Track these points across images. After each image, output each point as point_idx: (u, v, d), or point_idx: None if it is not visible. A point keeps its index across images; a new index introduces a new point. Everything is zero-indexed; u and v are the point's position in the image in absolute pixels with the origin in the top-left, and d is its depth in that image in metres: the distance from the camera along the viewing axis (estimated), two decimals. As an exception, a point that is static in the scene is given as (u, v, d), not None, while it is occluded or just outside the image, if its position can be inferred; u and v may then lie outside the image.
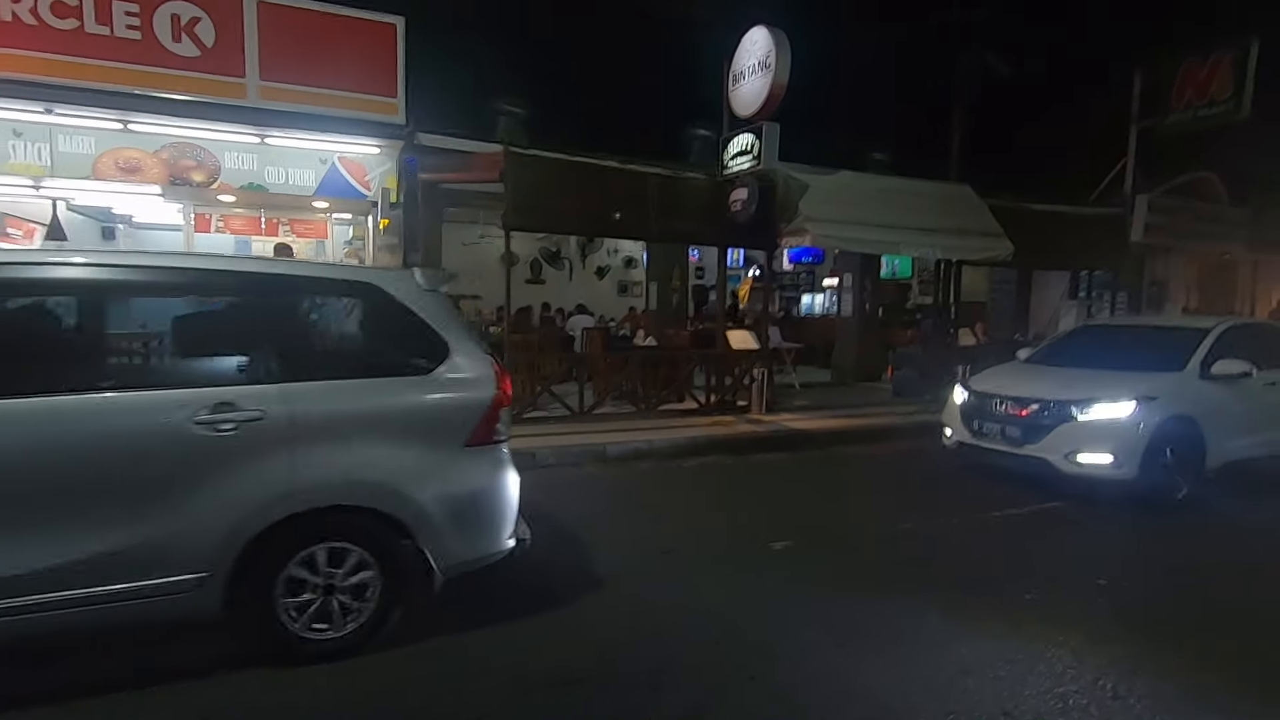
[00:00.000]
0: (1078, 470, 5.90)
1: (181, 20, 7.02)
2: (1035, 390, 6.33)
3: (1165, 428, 5.84)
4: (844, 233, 9.45)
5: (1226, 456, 6.24)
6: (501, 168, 8.16)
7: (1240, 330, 6.94)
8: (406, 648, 3.31)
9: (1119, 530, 5.56)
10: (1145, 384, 6.05)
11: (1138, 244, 13.25)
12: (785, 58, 8.40)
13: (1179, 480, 5.94)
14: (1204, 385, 6.18)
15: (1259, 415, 6.46)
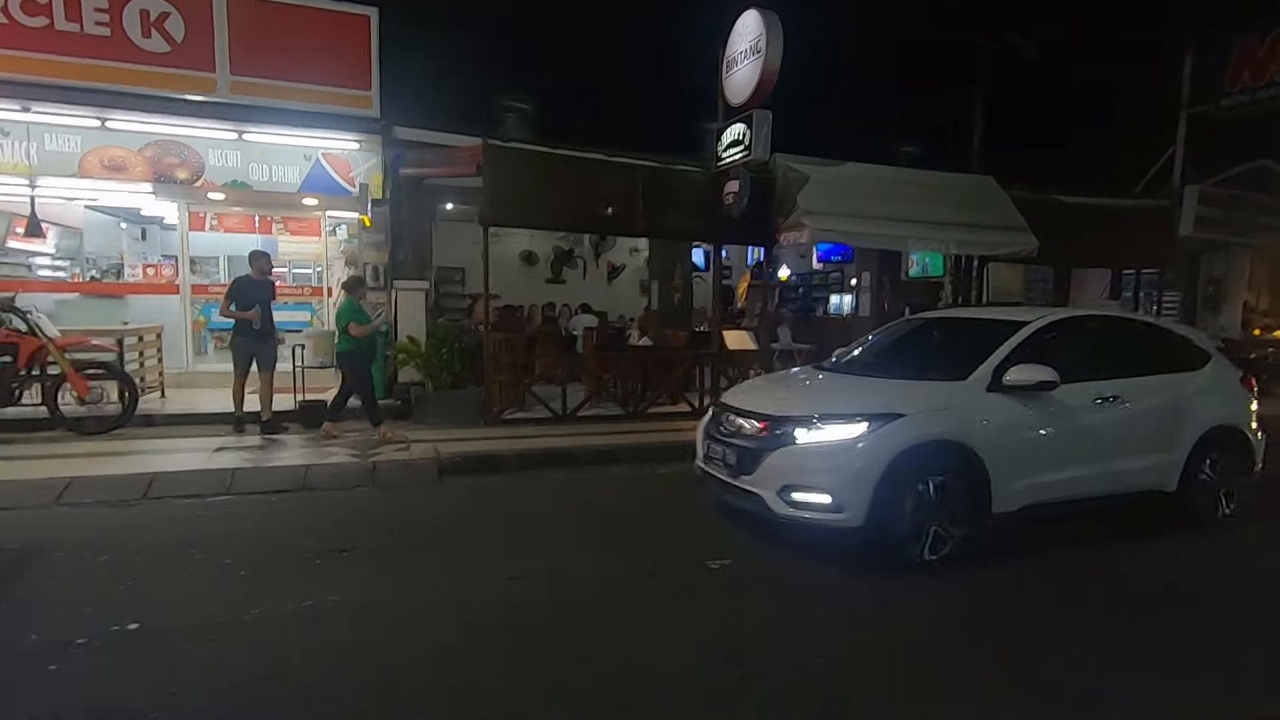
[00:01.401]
0: (792, 513, 4.36)
1: (150, 16, 7.00)
2: (770, 403, 4.88)
3: (911, 457, 4.28)
4: (845, 226, 8.89)
5: (1027, 497, 4.61)
6: (479, 161, 7.94)
7: (1075, 326, 5.38)
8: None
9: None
10: (904, 397, 4.59)
11: (1188, 239, 12.22)
12: (777, 41, 7.91)
13: (938, 531, 4.34)
14: (993, 400, 4.58)
15: (1078, 441, 4.82)
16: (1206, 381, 5.41)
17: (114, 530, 4.86)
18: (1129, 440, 5.00)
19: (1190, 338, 5.72)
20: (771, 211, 9.19)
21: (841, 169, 9.49)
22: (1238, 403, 5.53)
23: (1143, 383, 5.14)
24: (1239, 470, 5.39)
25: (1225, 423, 5.34)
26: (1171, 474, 5.16)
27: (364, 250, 9.18)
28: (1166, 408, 5.19)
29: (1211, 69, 11.76)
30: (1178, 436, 5.17)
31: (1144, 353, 5.44)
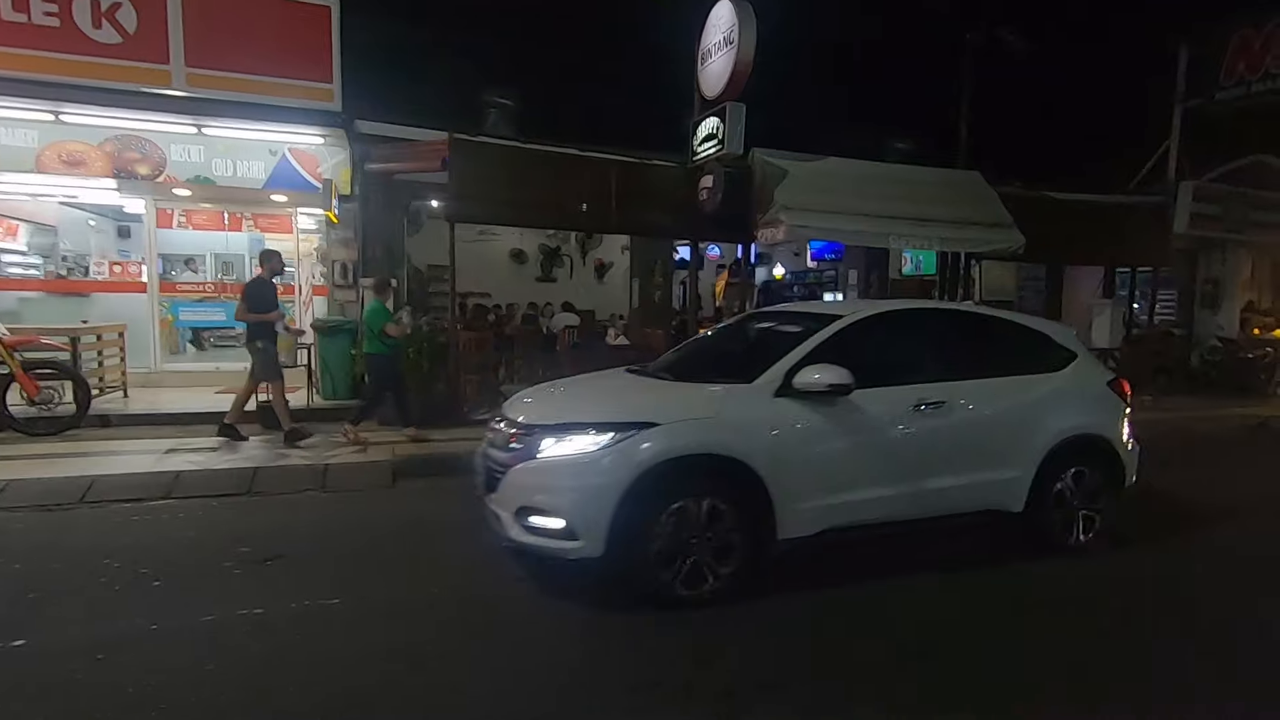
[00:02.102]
0: (527, 539, 3.73)
1: (101, 6, 6.83)
2: (534, 409, 4.20)
3: (663, 474, 3.59)
4: (824, 223, 8.66)
5: (826, 519, 3.98)
6: (444, 156, 7.74)
7: (901, 321, 4.66)
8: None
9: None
10: (669, 403, 3.96)
11: (1183, 236, 11.94)
12: (750, 32, 7.70)
13: (698, 562, 3.68)
14: (782, 407, 3.90)
15: (892, 454, 4.16)
16: (1064, 385, 4.74)
17: (39, 536, 4.68)
18: (961, 452, 4.32)
19: (1051, 335, 5.00)
20: (749, 207, 8.97)
21: (822, 164, 9.27)
22: (1103, 409, 4.84)
23: (981, 386, 4.47)
24: (1104, 487, 4.73)
25: (1086, 432, 4.67)
26: (1016, 491, 4.49)
27: (332, 247, 9.00)
28: (1010, 415, 4.52)
29: (1208, 60, 11.47)
30: (1024, 448, 4.49)
31: (989, 352, 4.76)
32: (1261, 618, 3.92)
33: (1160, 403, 11.23)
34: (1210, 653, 3.48)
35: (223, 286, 9.87)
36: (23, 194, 8.48)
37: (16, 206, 9.90)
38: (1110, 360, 11.96)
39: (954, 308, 5.60)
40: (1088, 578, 4.38)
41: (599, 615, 3.70)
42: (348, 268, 8.96)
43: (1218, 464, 7.93)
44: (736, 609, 3.69)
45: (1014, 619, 3.82)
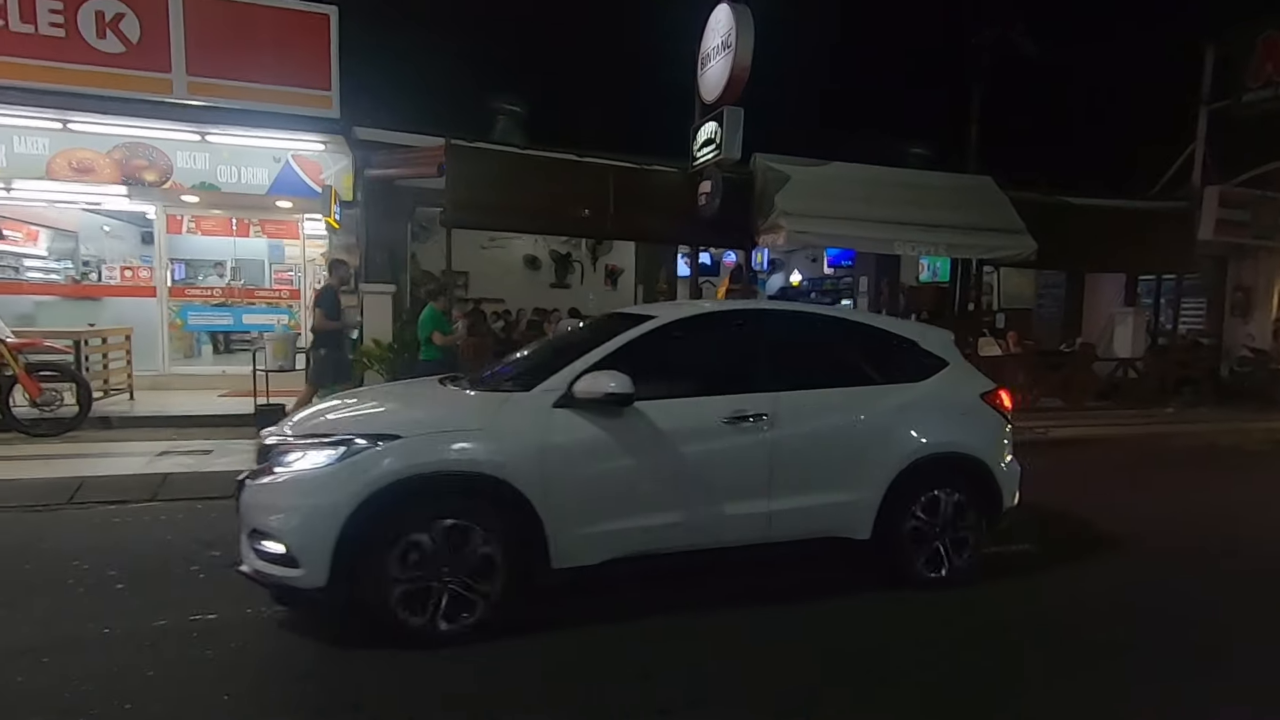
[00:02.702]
0: (257, 566, 3.32)
1: (106, 16, 6.99)
2: (305, 421, 3.74)
3: (400, 495, 3.19)
4: (826, 229, 8.53)
5: (612, 547, 3.53)
6: (440, 161, 7.78)
7: (726, 322, 4.27)
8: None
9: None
10: (424, 413, 3.64)
11: (1209, 243, 11.54)
12: (748, 35, 7.62)
13: (454, 593, 3.27)
14: (561, 419, 3.47)
15: (699, 473, 3.69)
16: (925, 397, 4.22)
17: (18, 536, 4.74)
18: (789, 472, 3.84)
19: (917, 341, 4.46)
20: (750, 213, 8.88)
21: (825, 169, 9.14)
22: (974, 424, 4.30)
23: (816, 397, 3.99)
24: (973, 513, 4.20)
25: (950, 450, 4.18)
26: (860, 517, 3.98)
27: (334, 253, 9.07)
28: (851, 430, 4.00)
29: (1234, 62, 11.10)
30: (868, 467, 3.98)
31: (833, 359, 4.29)
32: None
33: (1184, 415, 10.86)
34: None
35: (230, 291, 10.01)
36: (35, 200, 8.69)
37: (38, 213, 10.18)
38: (1131, 371, 11.63)
39: (796, 309, 4.82)
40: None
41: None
42: (349, 272, 9.02)
43: (1210, 481, 7.59)
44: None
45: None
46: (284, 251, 10.91)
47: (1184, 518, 6.02)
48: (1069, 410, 10.83)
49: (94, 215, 10.72)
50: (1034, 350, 11.81)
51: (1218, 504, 6.53)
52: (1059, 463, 8.22)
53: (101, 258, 11.10)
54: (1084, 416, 10.49)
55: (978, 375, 4.60)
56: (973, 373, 4.62)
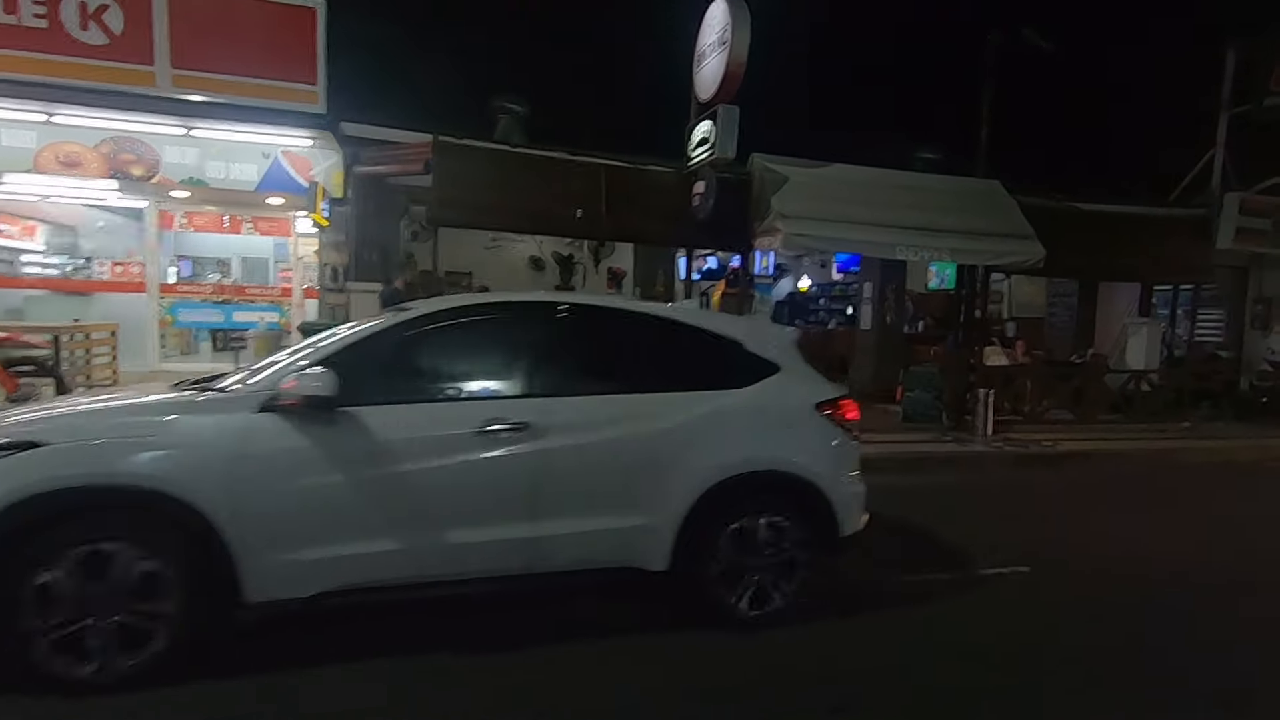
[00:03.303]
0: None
1: (89, 8, 6.92)
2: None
3: (31, 517, 2.69)
4: (824, 231, 8.28)
5: (324, 578, 3.04)
6: (427, 158, 7.63)
7: (480, 318, 3.64)
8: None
9: None
10: (93, 416, 3.10)
11: (1228, 252, 11.13)
12: (744, 32, 7.41)
13: (91, 639, 2.75)
14: (260, 425, 3.00)
15: (430, 492, 3.19)
16: (745, 405, 3.68)
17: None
18: (558, 490, 3.34)
19: (741, 341, 3.86)
20: (747, 215, 8.65)
21: (825, 170, 8.90)
22: (805, 439, 3.75)
23: (599, 405, 3.46)
24: (801, 540, 3.68)
25: (771, 468, 3.67)
26: (655, 544, 3.46)
27: (324, 250, 8.97)
28: (644, 442, 3.46)
29: (1256, 66, 10.71)
30: (662, 486, 3.45)
31: (630, 361, 3.77)
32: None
33: (1200, 430, 10.46)
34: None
35: (222, 288, 9.93)
36: (24, 195, 8.63)
37: (35, 207, 10.16)
38: (1145, 383, 11.24)
39: (589, 302, 4.30)
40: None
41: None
42: (338, 271, 8.91)
43: (1212, 502, 7.23)
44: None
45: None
46: (288, 249, 10.84)
47: (1157, 542, 5.67)
48: (1079, 423, 10.48)
49: (94, 210, 10.69)
50: (1042, 360, 11.46)
51: (1206, 528, 6.15)
52: (1057, 478, 7.94)
53: (103, 253, 11.10)
54: (1094, 430, 10.13)
55: (817, 382, 3.98)
56: (810, 379, 3.97)
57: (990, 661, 3.48)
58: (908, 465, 7.92)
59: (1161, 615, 4.14)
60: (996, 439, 9.08)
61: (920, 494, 7.01)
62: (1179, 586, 4.59)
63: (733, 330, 3.95)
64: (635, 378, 3.68)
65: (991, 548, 5.24)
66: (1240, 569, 4.98)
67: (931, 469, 7.92)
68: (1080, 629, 3.92)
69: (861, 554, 4.84)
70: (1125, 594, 4.42)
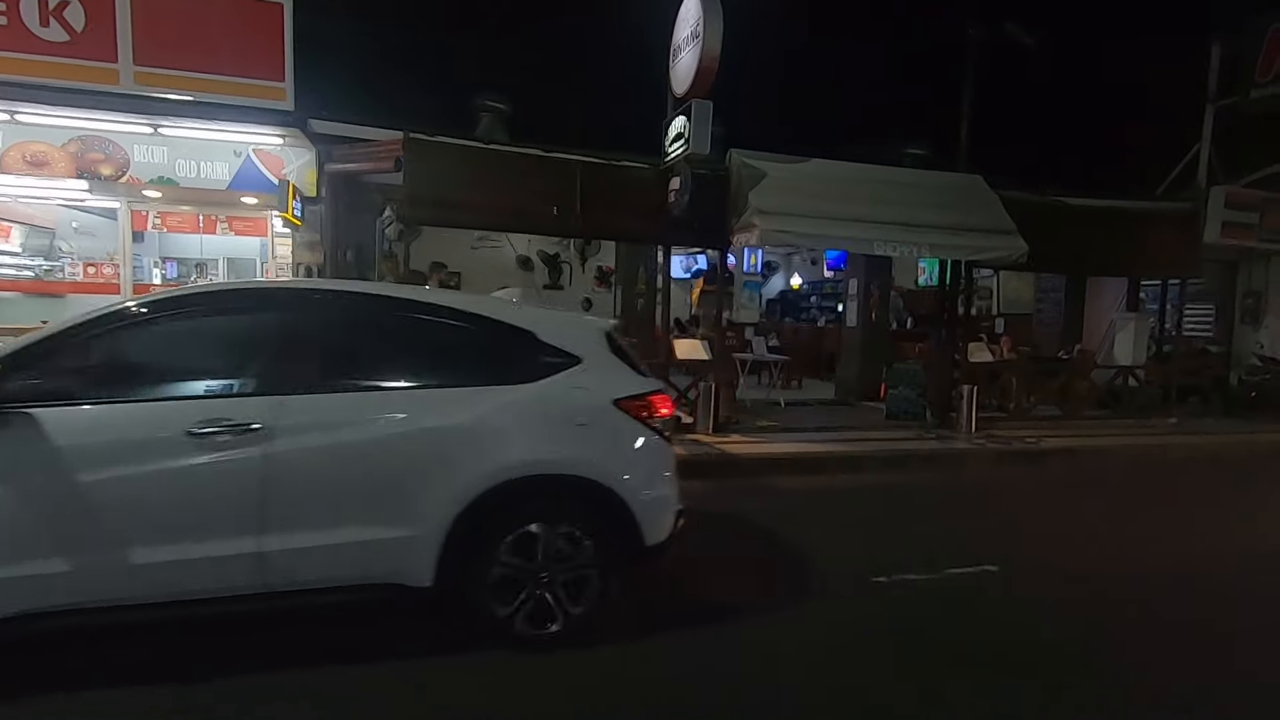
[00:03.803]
0: None
1: (50, 4, 6.79)
2: None
3: None
4: (801, 227, 8.17)
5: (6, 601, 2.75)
6: (398, 155, 7.53)
7: (210, 307, 3.35)
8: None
9: None
10: None
11: (1216, 246, 11.04)
12: (716, 25, 7.29)
13: None
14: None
15: (104, 505, 2.84)
16: (530, 402, 3.36)
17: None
18: (293, 500, 3.01)
19: (533, 331, 3.51)
20: (725, 211, 8.55)
21: (804, 166, 8.79)
22: (599, 438, 3.42)
23: (346, 403, 3.16)
24: (597, 551, 3.37)
25: (558, 471, 3.36)
26: (417, 557, 3.14)
27: (297, 250, 8.85)
28: (400, 444, 3.15)
29: (1242, 58, 10.62)
30: (428, 492, 3.13)
31: (392, 355, 3.45)
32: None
33: (1186, 425, 10.38)
34: None
35: (197, 289, 9.79)
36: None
37: (11, 209, 10.03)
38: (1132, 378, 11.15)
39: (343, 288, 3.94)
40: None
41: None
42: (312, 270, 8.79)
43: (1187, 498, 7.16)
44: None
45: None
46: (277, 250, 10.71)
47: (1129, 539, 5.60)
48: (1066, 419, 10.41)
49: (72, 211, 10.56)
50: (1028, 356, 11.38)
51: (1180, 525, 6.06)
52: (1037, 475, 7.85)
53: (83, 255, 10.96)
54: (1080, 426, 10.06)
55: (622, 375, 3.59)
56: (615, 372, 3.59)
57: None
58: (887, 463, 7.85)
59: (1116, 616, 4.04)
60: (980, 436, 9.01)
61: (897, 492, 6.95)
62: (1142, 586, 4.50)
63: (525, 321, 3.60)
64: (398, 372, 3.37)
65: (964, 546, 5.17)
66: (1209, 569, 4.88)
67: (911, 466, 7.83)
68: (1026, 628, 3.84)
69: (823, 556, 4.82)
70: (1084, 593, 4.34)
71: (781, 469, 7.40)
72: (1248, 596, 4.42)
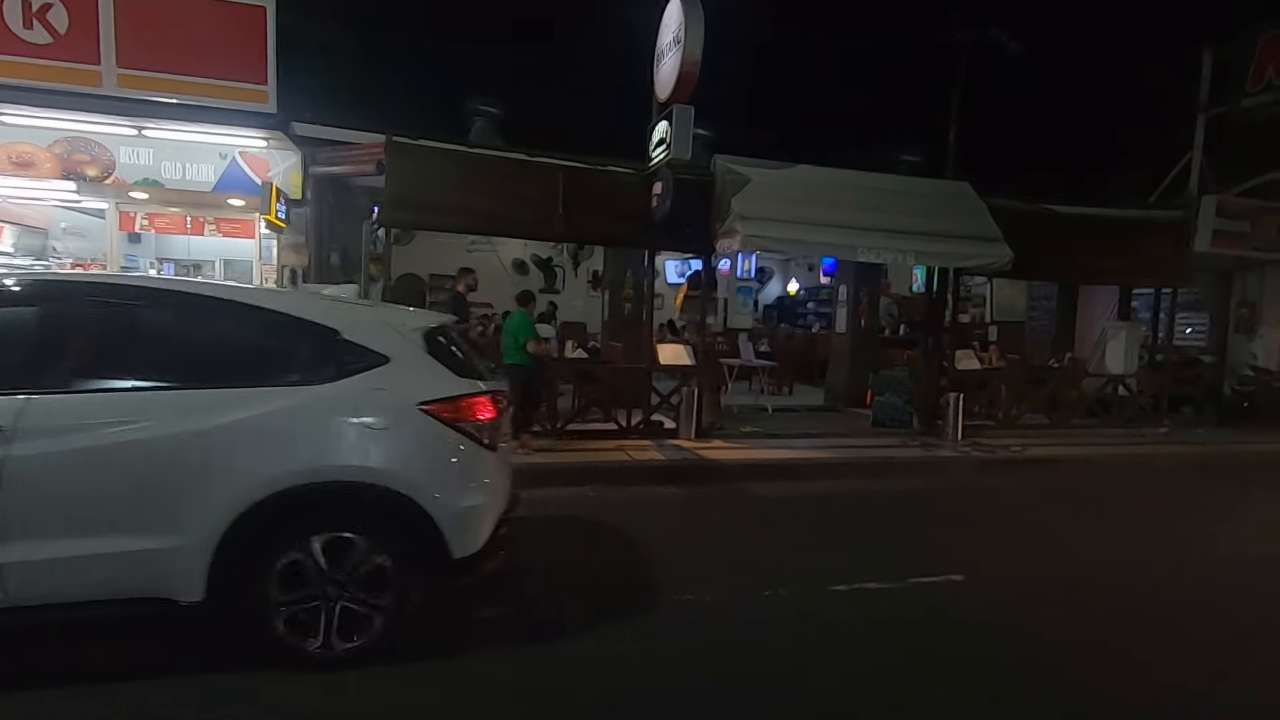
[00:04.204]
0: None
1: (33, 6, 6.85)
2: None
3: None
4: (785, 233, 8.15)
5: None
6: (379, 158, 7.55)
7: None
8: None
9: None
10: None
11: (1207, 256, 10.97)
12: (697, 30, 7.30)
13: None
14: None
15: None
16: (320, 404, 3.13)
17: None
18: (36, 507, 2.82)
19: (338, 329, 3.28)
20: (709, 217, 8.54)
21: (789, 172, 8.78)
22: (399, 444, 3.21)
23: (101, 404, 2.96)
24: (394, 565, 3.16)
25: (348, 479, 3.13)
26: (183, 571, 2.94)
27: (282, 252, 8.87)
28: (164, 448, 2.93)
29: (1233, 66, 10.57)
30: (197, 499, 2.93)
31: (163, 351, 3.23)
32: None
33: (1176, 435, 10.31)
34: None
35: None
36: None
37: (4, 209, 10.09)
38: (1122, 387, 11.08)
39: (105, 280, 3.68)
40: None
41: None
42: (296, 273, 8.82)
43: (1162, 508, 7.09)
44: None
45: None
46: (272, 252, 10.73)
47: (1103, 548, 5.56)
48: (1054, 428, 10.35)
49: (64, 211, 10.62)
50: (1017, 364, 11.32)
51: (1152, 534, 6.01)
52: (1019, 483, 7.78)
53: (78, 256, 11.01)
54: (1068, 434, 10.01)
55: (434, 377, 3.34)
56: (426, 373, 3.34)
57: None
58: (869, 470, 7.82)
59: (1070, 629, 3.97)
60: (965, 444, 8.96)
61: (874, 499, 6.91)
62: (1106, 599, 4.45)
63: (329, 317, 3.34)
64: (168, 371, 3.11)
65: (932, 555, 5.14)
66: (1181, 581, 4.83)
67: (892, 474, 7.80)
68: (971, 640, 3.78)
69: (783, 563, 4.78)
70: (1044, 605, 4.29)
71: (759, 475, 7.38)
72: (1224, 609, 4.37)
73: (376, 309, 3.95)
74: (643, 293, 10.91)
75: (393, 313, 3.79)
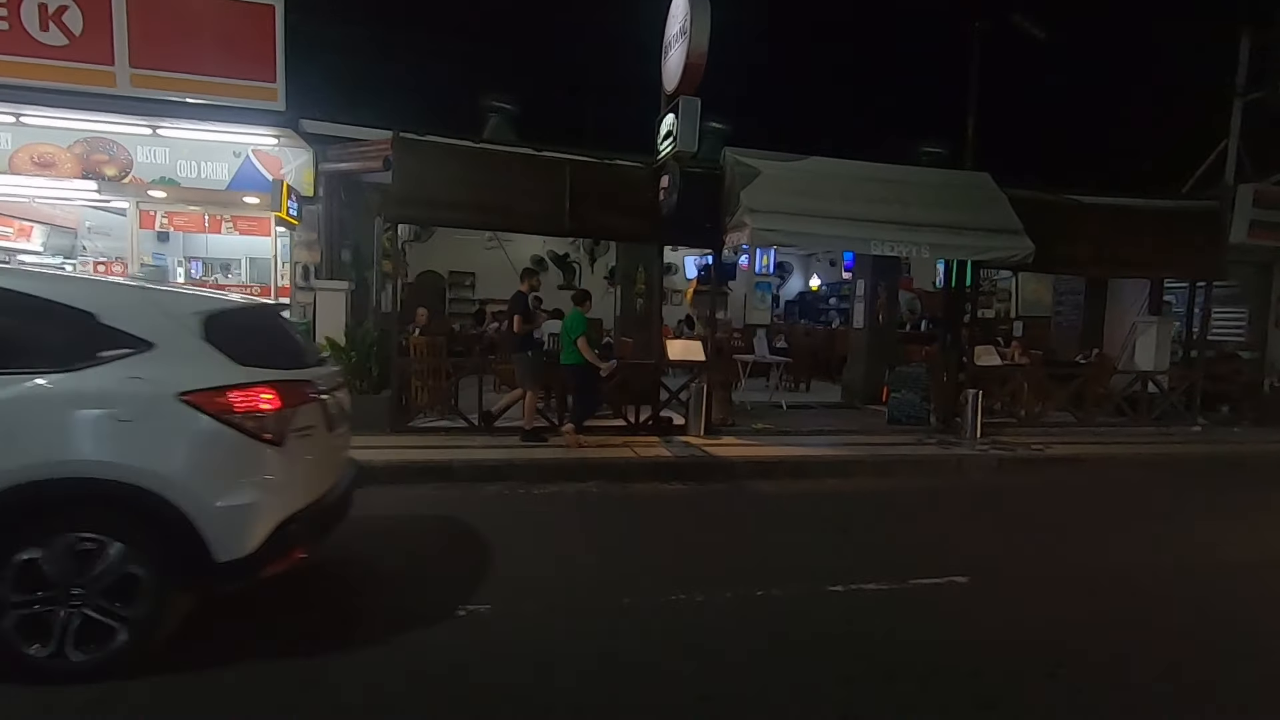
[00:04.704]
0: None
1: (49, 9, 7.00)
2: None
3: None
4: (795, 226, 8.01)
5: None
6: (387, 155, 7.58)
7: None
8: None
9: None
10: None
11: (1244, 247, 10.54)
12: (703, 21, 7.17)
13: None
14: None
15: None
16: (58, 394, 2.87)
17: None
18: None
19: (97, 313, 3.01)
20: (719, 210, 8.43)
21: (801, 164, 8.62)
22: (156, 437, 2.94)
23: None
24: (144, 570, 2.91)
25: (90, 475, 2.87)
26: None
27: (295, 249, 8.97)
28: None
29: (1271, 50, 10.12)
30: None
31: None
32: None
33: (1212, 434, 9.94)
34: None
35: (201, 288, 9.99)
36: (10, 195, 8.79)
37: (34, 209, 10.37)
38: (1152, 384, 10.69)
39: None
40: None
41: None
42: (309, 270, 8.90)
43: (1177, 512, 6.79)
44: None
45: None
46: (290, 250, 10.87)
47: (1113, 551, 5.33)
48: (1079, 426, 10.04)
49: (91, 210, 10.87)
50: (1041, 361, 10.99)
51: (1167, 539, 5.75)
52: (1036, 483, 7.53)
53: (107, 254, 11.27)
54: (1093, 433, 9.69)
55: (206, 365, 3.08)
56: (196, 361, 3.07)
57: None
58: (880, 468, 7.65)
59: (1073, 644, 3.76)
60: (984, 442, 8.72)
61: (883, 498, 6.74)
62: (1116, 608, 4.24)
63: (85, 299, 3.06)
64: None
65: (938, 555, 4.98)
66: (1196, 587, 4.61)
67: (904, 472, 7.62)
68: (962, 649, 3.60)
69: (781, 563, 4.66)
70: (1050, 611, 4.11)
71: (766, 473, 7.25)
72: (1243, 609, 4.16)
73: (149, 292, 3.52)
74: (652, 288, 10.85)
75: (169, 296, 3.57)
